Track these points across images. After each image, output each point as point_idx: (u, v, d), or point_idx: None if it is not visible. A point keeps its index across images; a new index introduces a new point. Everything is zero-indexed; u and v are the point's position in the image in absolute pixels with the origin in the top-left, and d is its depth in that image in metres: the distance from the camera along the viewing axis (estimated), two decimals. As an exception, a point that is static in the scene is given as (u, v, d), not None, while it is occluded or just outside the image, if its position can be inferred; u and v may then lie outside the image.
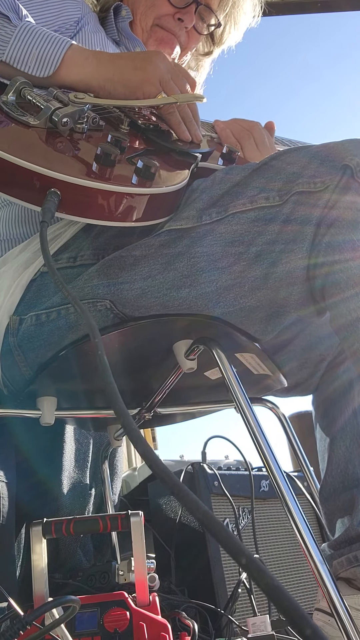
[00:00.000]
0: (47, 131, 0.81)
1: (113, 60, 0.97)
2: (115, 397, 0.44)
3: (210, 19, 1.35)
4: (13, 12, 0.93)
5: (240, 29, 1.43)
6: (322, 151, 0.86)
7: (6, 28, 0.91)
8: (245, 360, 1.03)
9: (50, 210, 0.73)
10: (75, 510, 1.39)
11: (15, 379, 0.99)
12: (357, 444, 1.04)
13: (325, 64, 24.65)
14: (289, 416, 1.27)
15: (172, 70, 0.99)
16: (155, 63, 0.96)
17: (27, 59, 0.91)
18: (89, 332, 0.54)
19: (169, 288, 0.87)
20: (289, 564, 1.51)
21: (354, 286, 0.82)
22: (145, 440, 0.41)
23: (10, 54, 0.91)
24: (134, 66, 0.96)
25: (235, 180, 0.89)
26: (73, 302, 0.61)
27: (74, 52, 0.95)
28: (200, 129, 1.06)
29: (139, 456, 2.76)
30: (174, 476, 0.38)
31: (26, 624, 0.67)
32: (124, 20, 1.30)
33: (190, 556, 1.37)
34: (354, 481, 1.01)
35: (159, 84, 0.96)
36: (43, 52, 0.92)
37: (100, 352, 0.49)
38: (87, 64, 0.95)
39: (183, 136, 1.02)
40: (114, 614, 0.86)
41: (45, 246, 0.70)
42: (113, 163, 0.78)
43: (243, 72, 26.29)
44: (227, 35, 1.43)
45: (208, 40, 1.45)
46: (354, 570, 0.91)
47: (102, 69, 0.95)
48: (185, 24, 1.28)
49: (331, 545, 0.97)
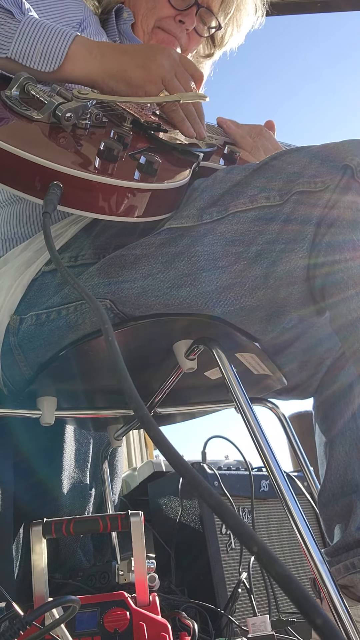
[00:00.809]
0: (50, 126, 0.81)
1: (117, 55, 0.96)
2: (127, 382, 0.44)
3: (211, 22, 1.35)
4: (16, 7, 0.92)
5: (242, 31, 1.42)
6: (322, 151, 0.86)
7: (10, 24, 0.91)
8: (245, 360, 1.03)
9: (52, 201, 0.73)
10: (75, 510, 1.39)
11: (15, 379, 0.99)
12: (356, 449, 1.03)
13: (325, 64, 24.58)
14: (289, 416, 1.27)
15: (177, 67, 0.97)
16: (159, 61, 0.95)
17: (32, 54, 0.90)
18: (97, 316, 0.54)
19: (170, 287, 0.87)
20: (289, 564, 1.51)
21: (354, 286, 0.81)
22: (158, 427, 0.41)
23: (15, 49, 0.90)
24: (136, 64, 0.95)
25: (236, 179, 0.89)
26: (79, 290, 0.61)
27: (78, 45, 0.93)
28: (205, 128, 1.06)
29: (139, 456, 2.76)
30: (187, 464, 0.38)
31: (26, 624, 0.67)
32: (126, 23, 1.30)
33: (190, 556, 1.37)
34: (353, 487, 1.00)
35: (161, 83, 0.96)
36: (47, 47, 0.91)
37: (110, 338, 0.49)
38: (92, 58, 0.94)
39: (187, 133, 1.02)
40: (114, 614, 0.86)
41: (49, 237, 0.70)
42: (116, 158, 0.79)
43: (243, 72, 26.14)
44: (228, 38, 1.43)
45: (209, 43, 1.45)
46: (351, 577, 0.90)
47: (106, 64, 0.94)
48: (186, 25, 1.28)
49: (328, 552, 0.96)
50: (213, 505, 0.34)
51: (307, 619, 0.29)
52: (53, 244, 0.69)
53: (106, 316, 0.55)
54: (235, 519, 0.33)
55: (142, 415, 0.42)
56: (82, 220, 0.99)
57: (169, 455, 0.38)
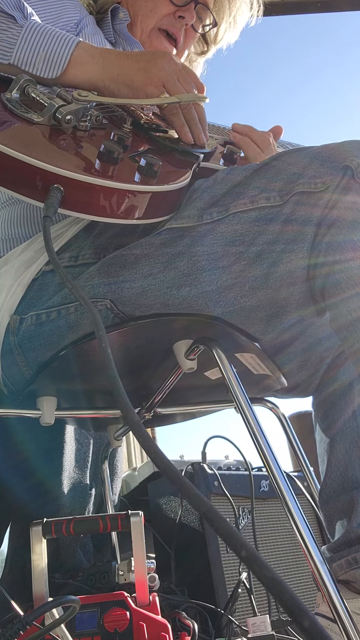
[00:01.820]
0: (50, 128, 0.81)
1: (119, 59, 0.97)
2: (119, 390, 0.44)
3: (206, 18, 1.35)
4: (18, 11, 0.92)
5: (237, 28, 1.42)
6: (322, 152, 0.86)
7: (12, 29, 0.91)
8: (245, 360, 1.03)
9: (53, 205, 0.73)
10: (76, 510, 1.39)
11: (15, 379, 0.99)
12: (356, 446, 1.04)
13: (325, 64, 24.60)
14: (289, 416, 1.27)
15: (179, 72, 0.97)
16: (159, 65, 0.95)
17: (35, 60, 0.91)
18: (92, 322, 0.54)
19: (170, 287, 0.87)
20: (289, 564, 1.51)
21: (354, 286, 0.82)
22: (148, 434, 0.41)
23: (18, 56, 0.90)
24: (138, 67, 0.95)
25: (237, 180, 0.89)
26: (76, 293, 0.61)
27: (81, 51, 0.94)
28: (207, 133, 1.05)
29: (139, 456, 2.76)
30: (177, 470, 0.38)
31: (26, 624, 0.67)
32: (122, 23, 1.30)
33: (190, 556, 1.37)
34: (354, 483, 1.01)
35: (162, 86, 0.96)
36: (50, 53, 0.91)
37: (104, 344, 0.49)
38: (94, 63, 0.95)
39: (185, 138, 1.02)
40: (114, 614, 0.86)
41: (49, 240, 0.70)
42: (116, 160, 0.79)
43: (243, 72, 26.16)
44: (222, 34, 1.43)
45: (201, 40, 1.45)
46: (353, 572, 0.91)
47: (107, 69, 0.95)
48: (186, 20, 1.29)
49: (330, 547, 0.97)
50: (203, 511, 0.34)
51: (295, 622, 0.29)
52: (52, 248, 0.69)
53: (101, 322, 0.55)
54: (224, 524, 0.33)
55: (132, 422, 0.42)
56: (82, 221, 0.99)
57: (158, 461, 0.39)
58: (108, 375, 0.47)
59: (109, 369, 0.47)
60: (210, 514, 0.34)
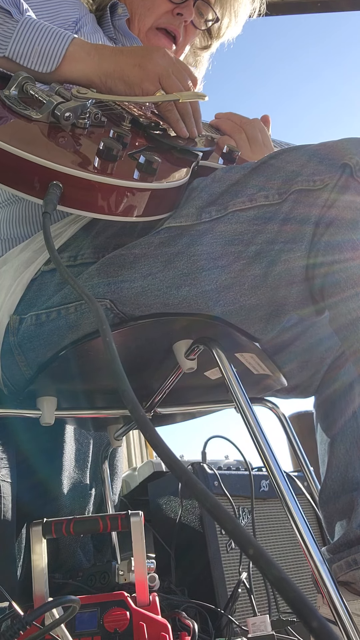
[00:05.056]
0: (49, 125, 0.81)
1: (114, 55, 0.97)
2: (124, 384, 0.44)
3: (208, 13, 1.35)
4: (14, 7, 0.93)
5: (240, 22, 1.42)
6: (321, 150, 0.86)
7: (8, 23, 0.91)
8: (245, 360, 1.03)
9: (52, 201, 0.73)
10: (76, 510, 1.39)
11: (15, 379, 0.99)
12: (357, 447, 1.03)
13: (325, 64, 24.50)
14: (289, 416, 1.27)
15: (173, 66, 0.98)
16: (155, 60, 0.96)
17: (30, 54, 0.91)
18: (95, 317, 0.54)
19: (169, 286, 0.87)
20: (289, 565, 1.51)
21: (354, 286, 0.81)
22: (155, 430, 0.41)
23: (13, 49, 0.91)
24: (133, 63, 0.96)
25: (235, 178, 0.89)
26: (78, 290, 0.61)
27: (76, 47, 0.94)
28: (201, 126, 1.06)
29: (139, 456, 2.76)
30: (183, 466, 0.38)
31: (26, 624, 0.67)
32: (121, 18, 1.30)
33: (190, 556, 1.37)
34: (354, 484, 1.00)
35: (157, 82, 0.96)
36: (45, 48, 0.92)
37: (108, 339, 0.49)
38: (89, 59, 0.95)
39: (181, 133, 1.02)
40: (114, 614, 0.86)
41: (49, 236, 0.70)
42: (115, 158, 0.79)
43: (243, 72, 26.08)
44: (225, 28, 1.42)
45: (205, 35, 1.45)
46: (353, 573, 0.90)
47: (103, 65, 0.95)
48: (184, 17, 1.29)
49: (330, 549, 0.96)
50: (209, 507, 0.34)
51: (303, 622, 0.29)
52: (53, 245, 0.69)
53: (104, 317, 0.55)
54: (231, 521, 0.33)
55: (138, 417, 0.42)
56: (81, 220, 0.99)
57: (165, 457, 0.38)
58: (112, 369, 0.46)
59: (113, 364, 0.46)
60: (216, 510, 0.34)
